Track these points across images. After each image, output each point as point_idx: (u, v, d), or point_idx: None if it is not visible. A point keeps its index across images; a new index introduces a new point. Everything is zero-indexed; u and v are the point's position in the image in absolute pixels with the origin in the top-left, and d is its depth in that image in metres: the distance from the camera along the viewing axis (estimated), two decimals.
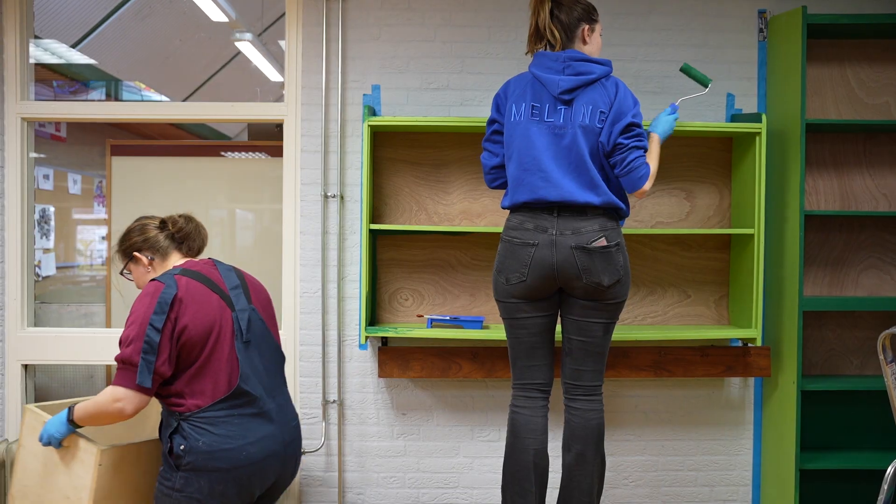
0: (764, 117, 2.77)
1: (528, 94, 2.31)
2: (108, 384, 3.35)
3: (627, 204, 2.37)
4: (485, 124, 2.78)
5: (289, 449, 2.19)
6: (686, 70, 2.64)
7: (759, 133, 2.77)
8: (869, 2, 3.01)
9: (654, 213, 3.02)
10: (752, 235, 2.81)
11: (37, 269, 3.41)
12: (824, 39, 3.00)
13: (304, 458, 2.98)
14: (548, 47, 2.34)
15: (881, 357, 2.22)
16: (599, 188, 2.26)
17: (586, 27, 2.34)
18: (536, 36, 2.35)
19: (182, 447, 2.02)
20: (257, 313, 2.21)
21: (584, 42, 2.34)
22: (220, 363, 2.08)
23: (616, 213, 2.32)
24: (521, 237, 2.28)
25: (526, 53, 2.41)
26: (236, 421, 2.07)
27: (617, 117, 2.25)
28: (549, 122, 2.27)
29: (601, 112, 2.25)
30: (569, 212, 2.26)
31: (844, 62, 3.03)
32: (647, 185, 2.27)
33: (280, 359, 2.27)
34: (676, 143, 3.00)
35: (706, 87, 2.64)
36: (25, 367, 3.04)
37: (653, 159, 2.32)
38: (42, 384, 3.26)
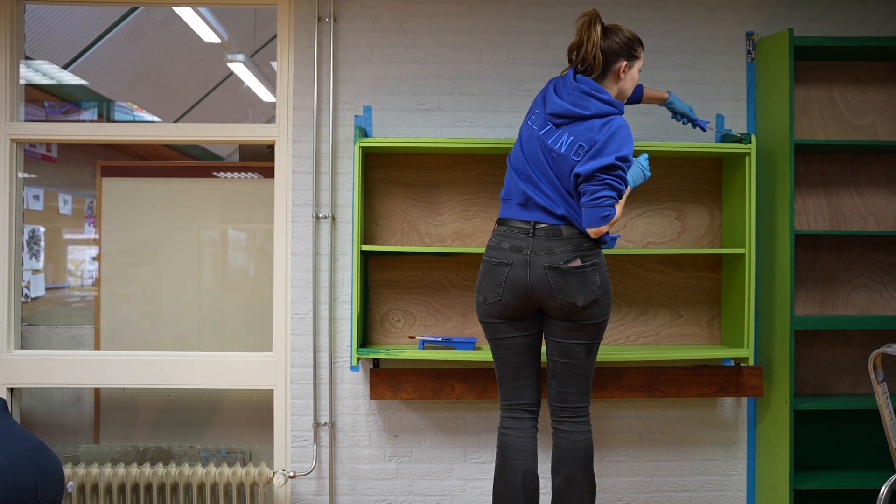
0: (753, 138, 2.79)
1: (539, 99, 2.37)
2: (96, 408, 3.33)
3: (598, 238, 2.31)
4: (476, 145, 2.82)
5: None
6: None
7: (749, 153, 2.78)
8: (855, 24, 3.05)
9: (645, 233, 3.03)
10: (742, 255, 2.81)
11: (26, 290, 3.38)
12: (811, 61, 3.03)
13: (294, 482, 2.95)
14: (587, 70, 2.32)
15: (872, 376, 2.22)
16: (574, 208, 2.27)
17: (624, 64, 2.31)
18: (581, 62, 2.31)
19: None
20: None
21: (619, 78, 2.33)
22: None
23: (589, 237, 2.29)
24: (497, 257, 2.30)
25: (563, 72, 2.38)
26: None
27: (598, 153, 2.20)
28: (535, 129, 2.32)
29: (580, 145, 2.24)
30: (545, 233, 2.26)
31: (831, 83, 3.06)
32: (605, 228, 2.22)
33: None
34: (667, 164, 3.01)
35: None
36: (11, 390, 3.01)
37: (619, 206, 2.25)
38: (28, 407, 3.22)
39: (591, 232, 2.23)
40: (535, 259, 2.24)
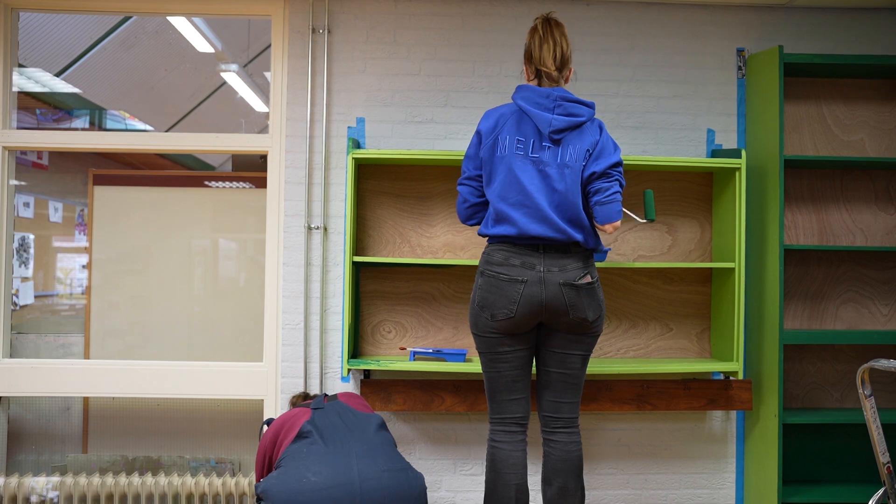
0: (743, 153, 2.81)
1: (514, 128, 2.29)
2: (85, 417, 3.31)
3: (600, 243, 2.38)
4: None
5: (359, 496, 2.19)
6: (647, 197, 2.65)
7: (739, 168, 2.81)
8: (843, 42, 3.09)
9: (636, 246, 3.04)
10: (732, 269, 2.83)
11: (14, 298, 3.36)
12: (801, 78, 3.06)
13: None
14: (541, 78, 2.31)
15: (861, 391, 2.23)
16: (584, 228, 2.28)
17: (571, 69, 2.39)
18: (543, 63, 2.29)
19: None
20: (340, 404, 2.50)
21: (566, 82, 2.37)
22: None
23: (591, 251, 2.35)
24: (508, 273, 2.27)
25: (530, 80, 2.35)
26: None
27: (602, 153, 2.29)
28: (534, 157, 2.27)
29: (587, 151, 2.28)
30: (553, 249, 2.27)
31: (820, 100, 3.10)
32: (619, 223, 2.30)
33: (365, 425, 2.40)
34: (658, 178, 3.04)
35: (648, 220, 2.65)
36: None
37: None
38: (16, 416, 3.19)
39: (608, 227, 2.30)
40: (548, 276, 2.25)
